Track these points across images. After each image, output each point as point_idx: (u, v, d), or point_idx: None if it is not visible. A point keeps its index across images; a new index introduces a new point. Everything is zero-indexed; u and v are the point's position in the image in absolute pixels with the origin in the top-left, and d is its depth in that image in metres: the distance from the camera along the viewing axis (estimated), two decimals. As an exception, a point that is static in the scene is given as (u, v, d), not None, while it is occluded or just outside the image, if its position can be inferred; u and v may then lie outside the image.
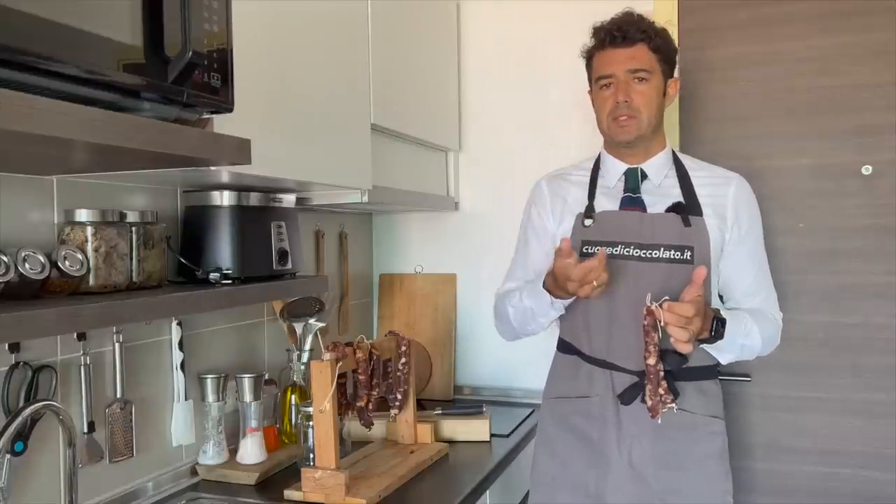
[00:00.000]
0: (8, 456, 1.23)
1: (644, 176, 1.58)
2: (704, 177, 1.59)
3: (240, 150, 1.14)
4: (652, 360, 1.37)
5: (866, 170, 2.03)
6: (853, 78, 2.03)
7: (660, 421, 1.43)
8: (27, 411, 1.19)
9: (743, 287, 1.58)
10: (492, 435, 1.96)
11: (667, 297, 1.34)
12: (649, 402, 1.40)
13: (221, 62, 1.08)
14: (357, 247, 2.44)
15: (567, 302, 1.52)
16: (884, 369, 2.01)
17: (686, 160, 1.63)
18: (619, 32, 1.52)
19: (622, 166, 1.60)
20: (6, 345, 1.25)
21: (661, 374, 1.38)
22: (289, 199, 1.70)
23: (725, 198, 1.56)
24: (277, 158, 1.41)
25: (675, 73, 1.60)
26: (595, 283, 1.36)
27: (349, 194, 1.76)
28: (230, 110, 1.12)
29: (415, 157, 2.18)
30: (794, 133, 2.09)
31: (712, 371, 1.57)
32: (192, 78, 1.02)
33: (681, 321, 1.32)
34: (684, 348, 1.35)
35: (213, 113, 1.12)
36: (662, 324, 1.33)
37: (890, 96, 2.00)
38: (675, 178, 1.58)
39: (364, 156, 1.75)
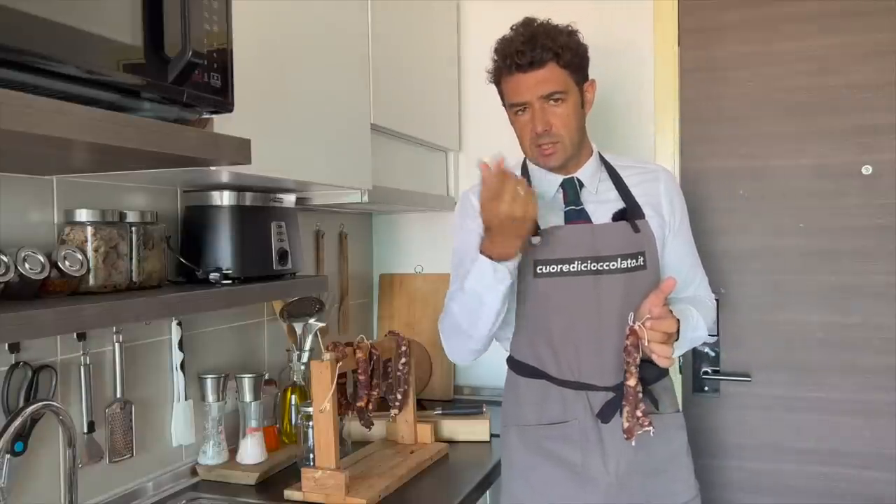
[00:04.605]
0: (8, 456, 1.23)
1: (581, 185, 1.53)
2: (634, 174, 1.56)
3: (240, 150, 1.14)
4: (632, 382, 1.32)
5: (866, 170, 2.03)
6: (853, 78, 2.03)
7: (633, 443, 1.38)
8: (27, 411, 1.19)
9: (682, 276, 1.55)
10: (492, 435, 1.95)
11: (649, 315, 1.31)
12: (626, 425, 1.34)
13: (221, 62, 1.08)
14: (357, 247, 2.44)
15: (512, 265, 1.36)
16: (884, 369, 2.01)
17: (612, 159, 1.59)
18: (524, 59, 1.40)
19: (555, 177, 1.54)
20: (6, 345, 1.25)
21: (640, 395, 1.34)
22: (289, 199, 1.70)
23: (658, 194, 1.55)
24: (277, 158, 1.40)
25: (589, 75, 1.51)
26: (521, 190, 1.27)
27: (349, 194, 1.76)
28: (230, 110, 1.12)
29: (415, 157, 2.18)
30: (794, 133, 2.09)
31: (665, 368, 1.54)
32: (192, 78, 1.02)
33: (664, 337, 1.31)
34: (667, 363, 1.33)
35: (213, 113, 1.12)
36: (646, 343, 1.30)
37: (890, 96, 2.00)
38: (610, 182, 1.55)
39: (364, 156, 1.75)
